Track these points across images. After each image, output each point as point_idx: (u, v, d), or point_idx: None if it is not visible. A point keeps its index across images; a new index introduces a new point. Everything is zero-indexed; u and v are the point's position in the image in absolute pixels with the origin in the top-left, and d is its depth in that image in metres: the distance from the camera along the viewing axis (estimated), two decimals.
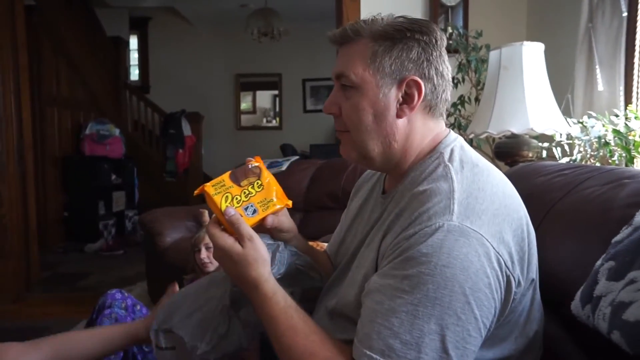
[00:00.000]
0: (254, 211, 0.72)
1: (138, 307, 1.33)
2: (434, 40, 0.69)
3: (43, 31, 3.92)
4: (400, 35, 0.68)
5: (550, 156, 1.71)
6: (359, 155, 0.73)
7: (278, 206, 0.74)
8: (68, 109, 4.32)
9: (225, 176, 0.73)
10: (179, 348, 0.76)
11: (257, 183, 0.74)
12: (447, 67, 0.71)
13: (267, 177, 0.75)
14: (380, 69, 0.68)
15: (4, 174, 2.69)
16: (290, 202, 0.76)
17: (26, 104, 2.86)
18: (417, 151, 0.72)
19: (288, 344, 0.64)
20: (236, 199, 0.71)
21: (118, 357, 1.23)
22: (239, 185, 0.72)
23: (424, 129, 0.71)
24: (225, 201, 0.70)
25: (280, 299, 0.67)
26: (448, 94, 0.72)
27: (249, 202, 0.72)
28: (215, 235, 0.69)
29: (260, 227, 0.74)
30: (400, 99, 0.69)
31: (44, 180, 3.94)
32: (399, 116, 0.69)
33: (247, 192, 0.72)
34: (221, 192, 0.71)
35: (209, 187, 0.71)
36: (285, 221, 0.79)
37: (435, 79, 0.69)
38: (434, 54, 0.69)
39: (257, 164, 0.75)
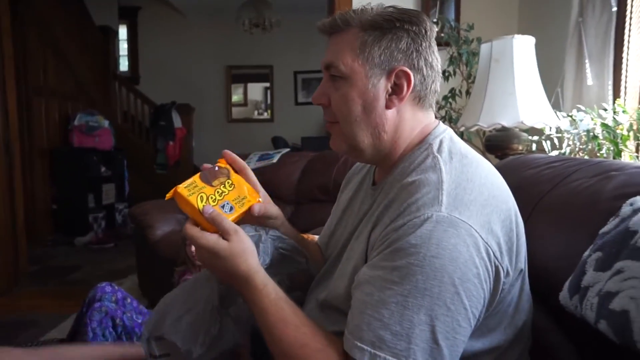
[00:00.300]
0: (231, 208, 0.72)
1: (128, 300, 1.33)
2: (423, 31, 0.69)
3: (29, 20, 3.84)
4: (389, 25, 0.68)
5: (540, 149, 1.73)
6: (348, 147, 0.73)
7: (252, 202, 0.75)
8: (55, 99, 4.25)
9: (196, 177, 0.73)
10: (174, 354, 0.75)
11: (228, 182, 0.74)
12: (436, 58, 0.71)
13: (235, 175, 0.76)
14: (370, 59, 0.68)
15: None
16: (260, 199, 0.78)
17: (12, 94, 2.81)
18: (406, 142, 0.72)
19: (279, 335, 0.64)
20: (211, 197, 0.71)
21: None
22: (211, 185, 0.72)
23: (413, 120, 0.71)
24: (201, 201, 0.70)
25: (270, 290, 0.66)
26: (437, 85, 0.72)
27: (224, 200, 0.72)
28: (196, 236, 0.67)
29: (248, 218, 0.74)
30: (390, 90, 0.69)
31: (32, 172, 3.89)
32: (388, 107, 0.69)
33: (220, 191, 0.72)
34: (195, 192, 0.70)
35: (182, 189, 0.70)
36: (271, 208, 0.79)
37: (424, 69, 0.69)
38: (424, 44, 0.69)
39: (223, 166, 0.76)
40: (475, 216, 0.60)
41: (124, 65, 5.92)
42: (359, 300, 0.61)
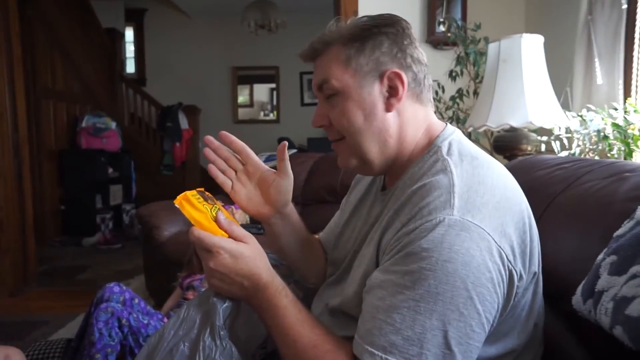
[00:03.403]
0: (225, 219, 0.71)
1: (136, 300, 1.33)
2: (401, 30, 0.70)
3: (37, 23, 3.87)
4: (367, 33, 0.70)
5: (549, 150, 1.71)
6: (358, 160, 0.73)
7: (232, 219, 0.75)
8: (63, 101, 4.28)
9: (194, 191, 0.73)
10: None
11: (213, 202, 0.74)
12: (421, 52, 0.73)
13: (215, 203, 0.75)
14: (358, 69, 0.70)
15: None
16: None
17: (21, 96, 2.83)
18: (412, 144, 0.72)
19: (294, 336, 0.64)
20: (213, 208, 0.71)
21: (115, 351, 1.23)
22: (205, 201, 0.73)
23: (414, 119, 0.72)
24: (211, 210, 0.70)
25: (288, 291, 0.67)
26: (430, 79, 0.74)
27: (218, 211, 0.72)
28: (213, 241, 0.65)
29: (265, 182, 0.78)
30: (386, 93, 0.70)
31: (41, 173, 3.92)
32: (388, 110, 0.70)
33: (211, 206, 0.72)
34: (201, 201, 0.71)
35: (191, 196, 0.70)
36: (283, 184, 0.81)
37: (413, 66, 0.71)
38: (405, 42, 0.70)
39: (207, 193, 0.76)
40: (487, 219, 0.59)
41: (130, 67, 5.95)
42: (370, 305, 0.61)
